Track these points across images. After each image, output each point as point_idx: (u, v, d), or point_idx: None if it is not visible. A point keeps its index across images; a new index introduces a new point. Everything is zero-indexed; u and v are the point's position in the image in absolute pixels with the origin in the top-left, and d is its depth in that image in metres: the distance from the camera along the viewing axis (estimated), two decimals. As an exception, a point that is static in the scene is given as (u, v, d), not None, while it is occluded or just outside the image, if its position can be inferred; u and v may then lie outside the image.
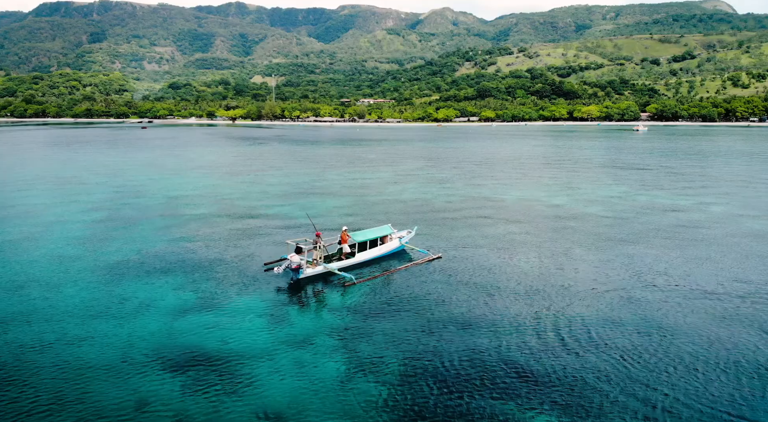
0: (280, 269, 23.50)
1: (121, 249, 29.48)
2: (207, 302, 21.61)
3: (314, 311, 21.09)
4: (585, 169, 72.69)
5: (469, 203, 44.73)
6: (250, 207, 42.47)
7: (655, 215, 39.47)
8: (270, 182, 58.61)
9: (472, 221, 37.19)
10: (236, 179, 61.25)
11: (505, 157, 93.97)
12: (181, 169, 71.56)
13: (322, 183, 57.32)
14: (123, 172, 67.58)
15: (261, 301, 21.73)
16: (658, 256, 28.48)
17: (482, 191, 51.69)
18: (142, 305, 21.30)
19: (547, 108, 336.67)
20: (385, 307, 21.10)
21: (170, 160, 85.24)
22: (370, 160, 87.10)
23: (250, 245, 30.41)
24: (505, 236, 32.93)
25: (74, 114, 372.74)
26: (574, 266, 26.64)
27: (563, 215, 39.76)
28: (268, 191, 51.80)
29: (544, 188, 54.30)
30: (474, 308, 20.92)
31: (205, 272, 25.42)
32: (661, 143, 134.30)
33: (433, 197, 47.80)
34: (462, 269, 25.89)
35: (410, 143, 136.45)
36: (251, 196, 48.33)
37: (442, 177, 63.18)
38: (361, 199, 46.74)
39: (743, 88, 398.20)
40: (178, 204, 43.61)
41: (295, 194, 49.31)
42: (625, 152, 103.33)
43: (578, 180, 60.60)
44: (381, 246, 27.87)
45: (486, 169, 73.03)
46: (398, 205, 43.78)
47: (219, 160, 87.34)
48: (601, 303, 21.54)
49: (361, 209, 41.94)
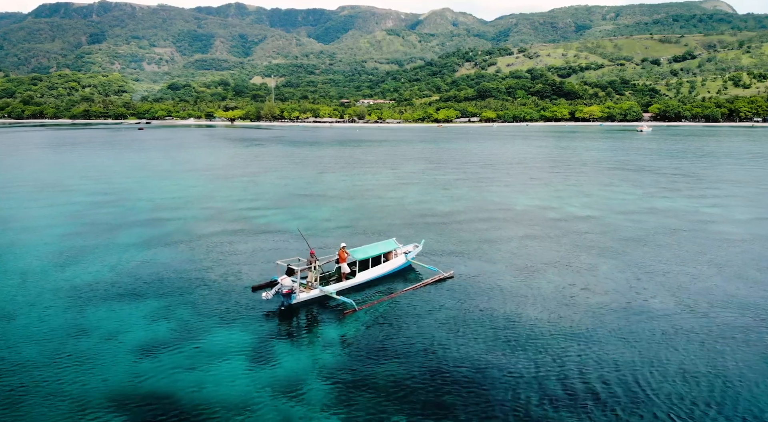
0: (269, 294, 20.34)
1: (92, 266, 26.31)
2: (182, 334, 18.48)
3: (307, 347, 17.92)
4: (595, 171, 69.58)
5: (477, 211, 41.55)
6: (241, 215, 39.30)
7: (681, 225, 36.31)
8: (264, 186, 55.45)
9: (482, 232, 34.02)
10: (229, 183, 58.05)
11: (509, 158, 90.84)
12: (173, 172, 68.42)
13: (319, 187, 54.15)
14: (111, 175, 64.40)
15: (245, 334, 18.58)
16: (696, 275, 25.32)
17: (490, 197, 48.56)
18: (105, 338, 18.15)
19: (549, 108, 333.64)
20: (390, 342, 17.94)
21: (163, 162, 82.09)
22: (369, 162, 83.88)
23: (236, 261, 27.24)
24: (521, 249, 29.77)
25: (72, 115, 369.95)
26: (602, 286, 23.50)
27: (581, 224, 36.60)
28: (261, 196, 48.65)
29: (554, 192, 51.15)
30: (494, 347, 17.76)
31: (184, 295, 22.28)
32: (667, 144, 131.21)
33: (437, 203, 44.63)
34: (477, 291, 22.75)
35: (411, 144, 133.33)
36: (243, 202, 45.17)
37: (445, 180, 60.05)
38: (361, 205, 43.55)
39: (744, 88, 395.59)
40: (163, 212, 40.43)
41: (290, 200, 46.14)
42: (632, 154, 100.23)
43: (590, 184, 57.46)
44: (385, 264, 24.68)
45: (491, 171, 69.91)
46: (400, 212, 40.61)
47: (213, 162, 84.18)
48: (642, 338, 18.37)
49: (361, 217, 38.77)
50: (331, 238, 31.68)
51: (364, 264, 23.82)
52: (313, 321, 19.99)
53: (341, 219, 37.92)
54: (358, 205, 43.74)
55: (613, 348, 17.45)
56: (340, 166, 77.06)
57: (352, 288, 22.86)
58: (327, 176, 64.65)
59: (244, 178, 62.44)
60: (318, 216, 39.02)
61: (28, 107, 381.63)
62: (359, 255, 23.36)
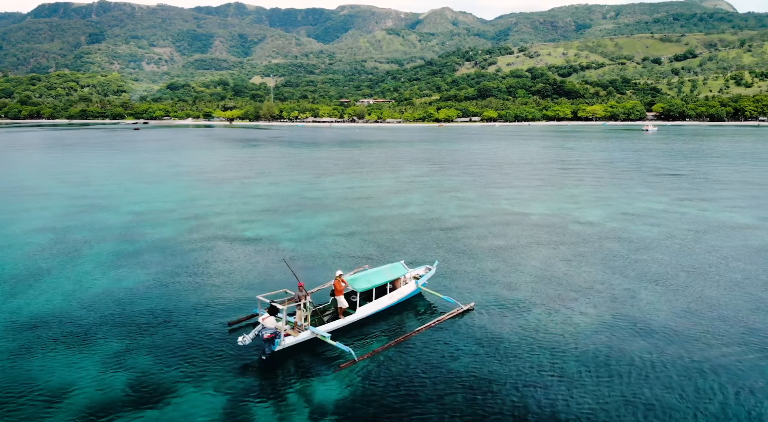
0: (246, 337, 16.27)
1: (43, 294, 22.24)
2: (139, 393, 14.46)
3: (292, 412, 13.87)
4: (609, 174, 65.51)
5: (491, 221, 37.47)
6: (224, 228, 35.14)
7: (719, 237, 32.25)
8: (255, 192, 51.27)
9: (500, 250, 29.90)
10: (217, 188, 53.83)
11: (516, 160, 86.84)
12: (159, 176, 64.26)
13: (314, 194, 49.96)
14: (93, 179, 60.27)
15: (217, 394, 14.53)
16: (758, 305, 21.26)
17: (501, 204, 44.44)
18: (49, 397, 14.17)
19: (551, 108, 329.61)
20: (400, 405, 13.90)
21: (151, 165, 78.00)
22: (369, 164, 79.67)
23: (213, 288, 23.12)
24: (546, 271, 25.69)
25: (69, 115, 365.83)
26: (646, 318, 19.46)
27: (607, 237, 32.52)
28: (249, 204, 44.43)
29: (571, 198, 47.08)
30: (529, 409, 13.71)
31: (147, 334, 18.21)
32: (677, 144, 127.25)
33: (445, 212, 40.52)
34: (503, 330, 18.68)
35: (412, 145, 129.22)
36: (229, 212, 40.98)
37: (451, 185, 55.93)
38: (360, 217, 39.34)
39: (746, 87, 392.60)
40: (139, 223, 36.31)
41: (281, 210, 41.90)
42: (644, 154, 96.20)
43: (607, 188, 53.39)
44: (391, 294, 20.54)
45: (499, 174, 65.84)
46: (406, 224, 36.48)
47: (203, 164, 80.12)
48: (707, 392, 14.33)
49: (360, 231, 34.65)
50: (324, 259, 27.62)
51: (366, 296, 19.76)
52: (301, 374, 15.89)
53: (338, 234, 33.75)
54: (357, 216, 39.47)
55: (674, 405, 13.41)
56: (338, 169, 72.88)
57: (351, 325, 18.80)
58: (323, 180, 60.44)
59: (234, 182, 58.25)
60: (311, 230, 34.86)
61: (25, 107, 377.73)
62: (360, 285, 19.20)
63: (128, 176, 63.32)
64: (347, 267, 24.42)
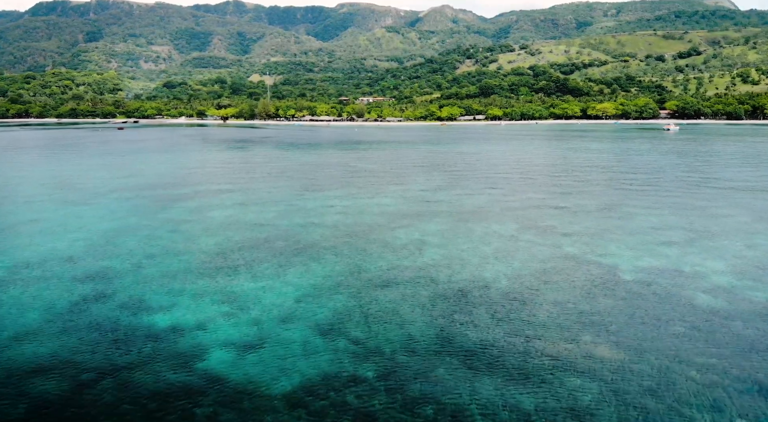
0: None
1: None
2: None
3: None
4: (677, 187, 52.94)
5: (560, 286, 24.40)
6: (142, 297, 23.21)
7: None
8: (209, 220, 38.37)
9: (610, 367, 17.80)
10: (159, 213, 40.66)
11: (546, 167, 74.76)
12: (97, 191, 52.05)
13: (294, 223, 37.24)
14: (7, 196, 48.43)
15: None
16: None
17: (565, 246, 30.34)
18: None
19: (558, 106, 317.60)
20: None
21: (99, 174, 65.82)
22: (367, 173, 67.73)
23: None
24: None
25: (58, 114, 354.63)
26: None
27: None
28: (195, 243, 31.72)
29: (662, 235, 32.80)
30: None
31: None
32: (716, 146, 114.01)
33: (482, 265, 27.05)
34: None
35: (416, 147, 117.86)
36: (161, 258, 28.65)
37: (475, 206, 43.12)
38: (351, 271, 26.64)
39: (753, 84, 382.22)
40: (10, 281, 24.50)
41: (241, 253, 29.36)
42: (691, 158, 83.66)
43: (695, 215, 39.43)
44: None
45: (534, 189, 52.93)
46: (424, 294, 23.68)
47: (165, 173, 68.02)
48: None
49: (350, 311, 22.39)
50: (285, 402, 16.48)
51: None
52: None
53: (323, 312, 21.70)
54: (348, 273, 26.12)
55: None
56: (329, 180, 60.94)
57: None
58: (308, 198, 48.27)
59: (188, 202, 45.54)
60: (279, 303, 22.65)
61: (13, 105, 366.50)
62: None
63: (56, 192, 51.32)
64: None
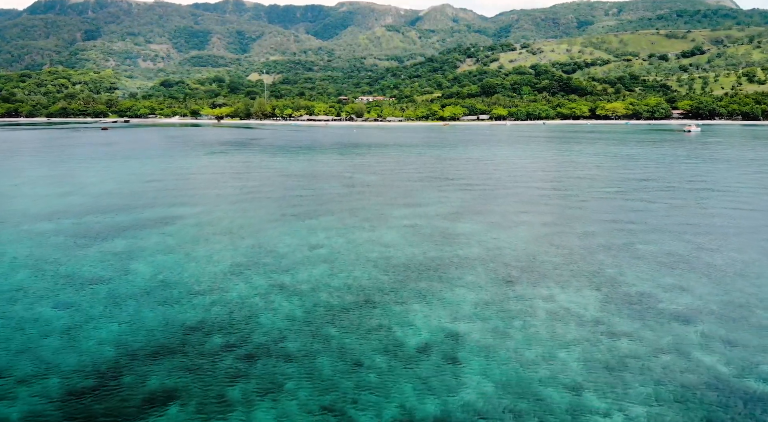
0: None
1: None
2: None
3: None
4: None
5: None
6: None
7: None
8: (135, 272, 27.14)
9: None
10: (70, 262, 28.93)
11: (581, 180, 62.30)
12: (18, 214, 42.11)
13: (257, 285, 25.42)
14: None
15: None
16: None
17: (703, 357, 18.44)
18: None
19: (565, 105, 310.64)
20: None
21: (36, 189, 55.58)
22: (366, 188, 56.48)
23: None
24: None
25: (48, 113, 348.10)
26: None
27: None
28: (80, 332, 20.27)
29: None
30: None
31: None
32: (752, 152, 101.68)
33: (559, 373, 17.31)
34: None
35: (421, 151, 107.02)
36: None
37: (521, 250, 31.38)
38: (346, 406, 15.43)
39: (759, 84, 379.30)
40: None
41: (164, 358, 18.28)
42: (735, 168, 74.95)
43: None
44: None
45: (586, 218, 40.25)
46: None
47: (114, 189, 55.59)
48: None
49: None
50: None
51: None
52: None
53: None
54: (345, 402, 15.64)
55: None
56: (317, 200, 48.20)
57: None
58: (285, 231, 36.15)
59: (117, 242, 32.91)
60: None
61: (3, 104, 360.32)
62: None
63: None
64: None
